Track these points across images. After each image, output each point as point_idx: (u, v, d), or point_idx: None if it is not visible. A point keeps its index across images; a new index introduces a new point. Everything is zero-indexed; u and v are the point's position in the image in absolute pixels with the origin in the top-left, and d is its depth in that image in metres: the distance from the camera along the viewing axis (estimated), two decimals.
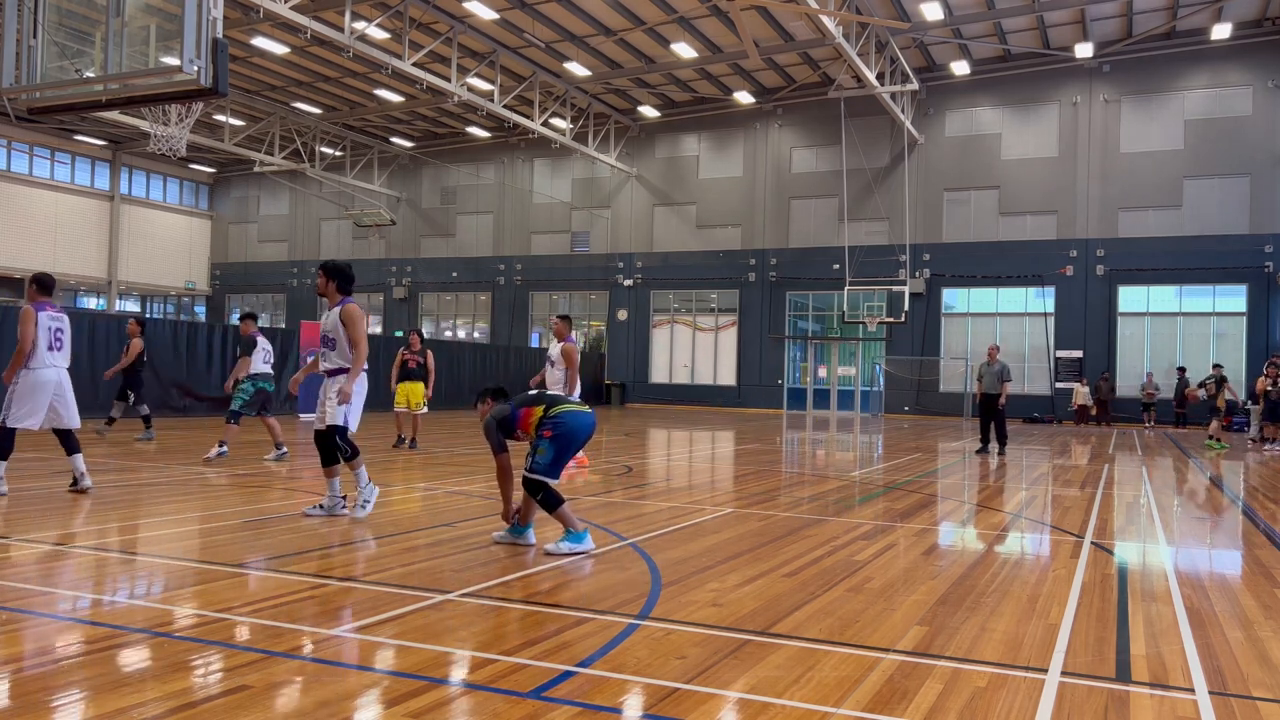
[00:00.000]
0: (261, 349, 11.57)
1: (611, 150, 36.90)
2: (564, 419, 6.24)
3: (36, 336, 7.92)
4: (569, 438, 6.22)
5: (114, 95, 8.84)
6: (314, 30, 23.09)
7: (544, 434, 6.19)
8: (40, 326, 7.98)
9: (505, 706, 3.31)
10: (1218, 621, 4.80)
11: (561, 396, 6.49)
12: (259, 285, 46.34)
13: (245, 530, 6.82)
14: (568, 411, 6.29)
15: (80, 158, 42.42)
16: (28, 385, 7.97)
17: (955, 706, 3.43)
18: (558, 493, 6.23)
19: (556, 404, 6.34)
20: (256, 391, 11.53)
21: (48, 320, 8.07)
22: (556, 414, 6.25)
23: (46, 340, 8.03)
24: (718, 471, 12.48)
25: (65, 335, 8.26)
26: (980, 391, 16.60)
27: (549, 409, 6.28)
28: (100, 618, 4.37)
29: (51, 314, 8.15)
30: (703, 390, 36.26)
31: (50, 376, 8.06)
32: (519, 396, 6.52)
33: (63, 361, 8.22)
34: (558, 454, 6.18)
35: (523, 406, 6.33)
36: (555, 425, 6.20)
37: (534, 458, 6.16)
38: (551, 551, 6.05)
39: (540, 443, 6.17)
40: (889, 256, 32.74)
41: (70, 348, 8.38)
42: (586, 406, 6.51)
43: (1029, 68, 31.07)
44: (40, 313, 8.02)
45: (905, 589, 5.35)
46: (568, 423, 6.23)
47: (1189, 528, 8.54)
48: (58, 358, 8.15)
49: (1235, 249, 28.74)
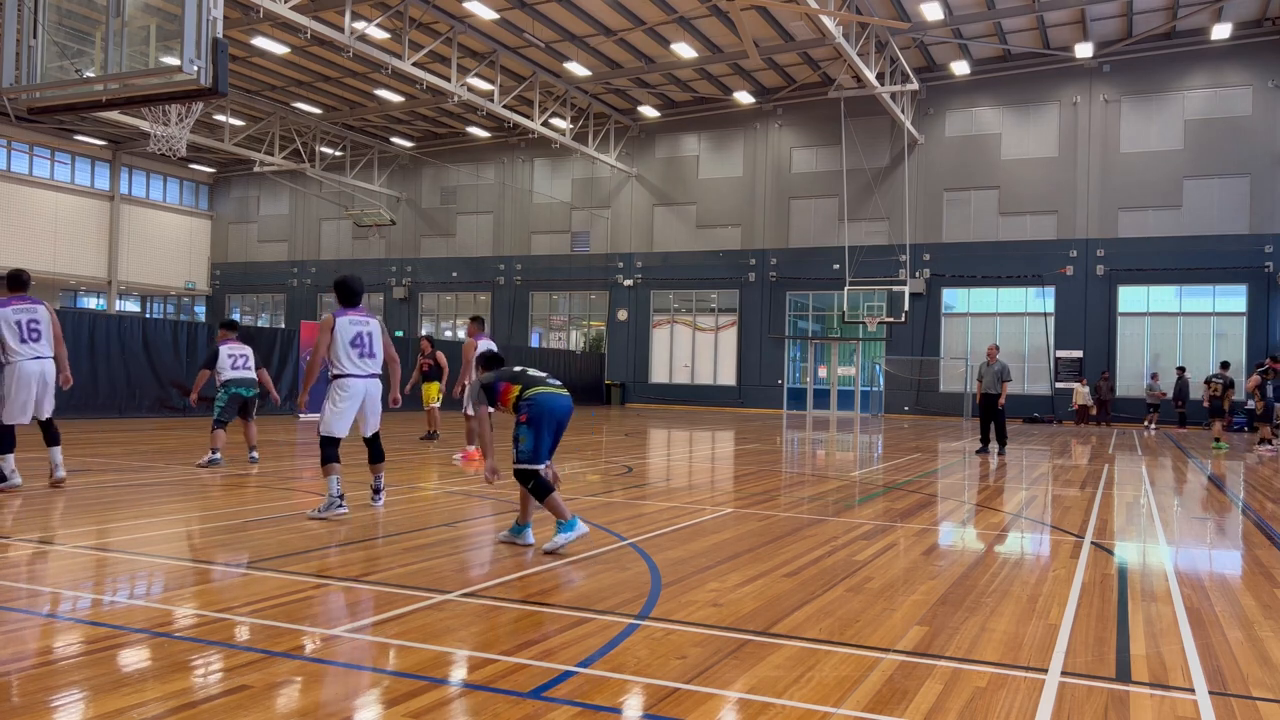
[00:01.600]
0: (227, 357, 11.61)
1: (611, 150, 36.90)
2: (536, 400, 6.30)
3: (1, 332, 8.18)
4: (542, 419, 6.27)
5: (114, 95, 8.83)
6: (314, 30, 23.09)
7: (520, 419, 6.28)
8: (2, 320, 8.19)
9: (505, 706, 3.31)
10: (1218, 621, 4.80)
11: (540, 377, 6.47)
12: (259, 285, 46.35)
13: (246, 530, 6.82)
14: (541, 393, 6.34)
15: (80, 158, 42.43)
16: (11, 379, 8.18)
17: (955, 706, 3.43)
18: (548, 481, 6.25)
19: (532, 385, 6.38)
20: (230, 397, 11.60)
21: (12, 314, 8.25)
22: (530, 396, 6.31)
23: (16, 334, 8.22)
24: (718, 471, 12.48)
25: (42, 325, 8.40)
26: (980, 391, 16.62)
27: (525, 389, 6.35)
28: (100, 618, 4.37)
29: (17, 307, 8.30)
30: (703, 390, 36.26)
31: (32, 368, 8.28)
32: (504, 370, 6.60)
33: (46, 350, 8.42)
34: (536, 438, 6.23)
35: (504, 381, 6.45)
36: (529, 408, 6.28)
37: (517, 448, 6.24)
38: (550, 550, 6.06)
39: (519, 430, 6.26)
40: (889, 256, 32.74)
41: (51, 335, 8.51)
42: (564, 389, 6.52)
43: (1029, 68, 31.07)
44: (3, 308, 8.24)
45: (905, 589, 5.35)
46: (539, 404, 6.29)
47: (1189, 528, 8.54)
48: (37, 348, 8.35)
49: (1235, 249, 28.74)
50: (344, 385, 7.48)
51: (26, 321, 8.30)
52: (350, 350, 7.49)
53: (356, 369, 7.50)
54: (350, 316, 7.57)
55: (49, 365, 8.43)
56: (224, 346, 11.66)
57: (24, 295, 8.49)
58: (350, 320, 7.55)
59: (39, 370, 8.32)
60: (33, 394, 8.26)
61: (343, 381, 7.48)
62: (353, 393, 7.48)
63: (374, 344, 7.64)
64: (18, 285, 8.48)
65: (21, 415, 8.22)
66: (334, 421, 7.45)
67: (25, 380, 8.20)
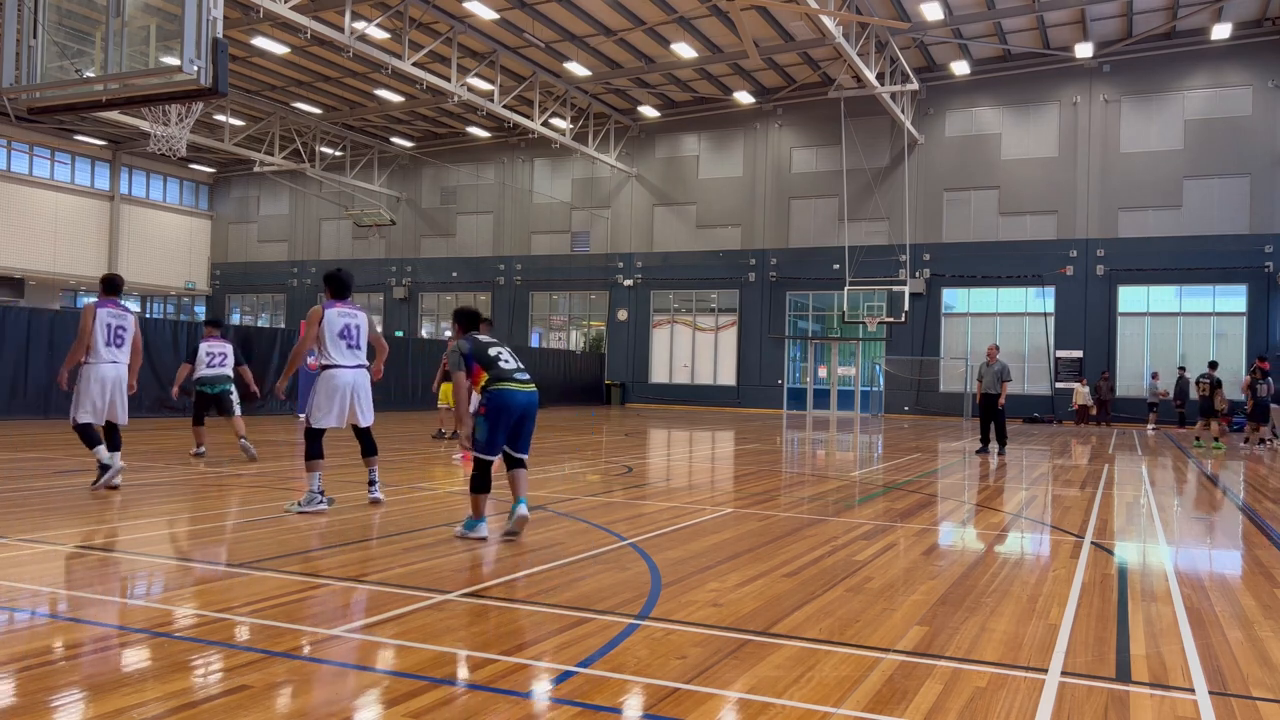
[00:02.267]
0: (205, 354, 11.78)
1: (611, 150, 36.89)
2: (494, 395, 6.40)
3: (94, 331, 8.37)
4: (500, 415, 6.39)
5: (114, 95, 8.83)
6: (314, 30, 23.09)
7: (479, 410, 6.48)
8: (99, 322, 8.41)
9: (505, 706, 3.31)
10: (1218, 621, 4.80)
11: (508, 371, 6.49)
12: (259, 285, 46.34)
13: (246, 530, 6.82)
14: (504, 390, 6.41)
15: (80, 158, 42.43)
16: (87, 380, 8.34)
17: (955, 706, 3.43)
18: (488, 480, 6.47)
19: (498, 380, 6.43)
20: (197, 395, 11.77)
21: (106, 316, 8.47)
22: (493, 389, 6.41)
23: (104, 337, 8.43)
24: (718, 471, 12.48)
25: (127, 333, 8.63)
26: (980, 391, 16.64)
27: (492, 381, 6.43)
28: (100, 617, 4.37)
29: (112, 310, 8.53)
30: (702, 390, 36.25)
31: (108, 372, 8.46)
32: (481, 345, 6.55)
33: (124, 358, 8.63)
34: (491, 431, 6.40)
35: (477, 361, 6.49)
36: (489, 401, 6.40)
37: (474, 435, 6.45)
38: (459, 535, 6.51)
39: (477, 419, 6.47)
40: (889, 256, 32.74)
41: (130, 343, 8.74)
42: (529, 385, 6.54)
43: (1029, 68, 31.07)
44: (100, 309, 8.44)
45: (905, 589, 5.35)
46: (496, 400, 6.39)
47: (1189, 528, 8.54)
48: (118, 354, 8.57)
49: (1235, 249, 28.74)
50: (332, 376, 7.56)
51: (116, 326, 8.57)
52: (339, 341, 7.57)
53: (344, 360, 7.57)
54: (339, 308, 7.64)
55: (124, 371, 8.62)
56: (204, 343, 11.90)
57: (117, 300, 8.72)
58: (339, 312, 7.62)
59: (115, 375, 8.51)
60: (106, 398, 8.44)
61: (331, 373, 7.57)
62: (340, 383, 7.54)
63: (361, 336, 7.73)
64: (113, 289, 8.71)
65: (94, 416, 8.38)
66: (321, 414, 7.52)
67: (100, 382, 8.38)
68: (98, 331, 8.39)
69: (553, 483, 10.19)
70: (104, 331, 8.43)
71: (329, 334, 7.53)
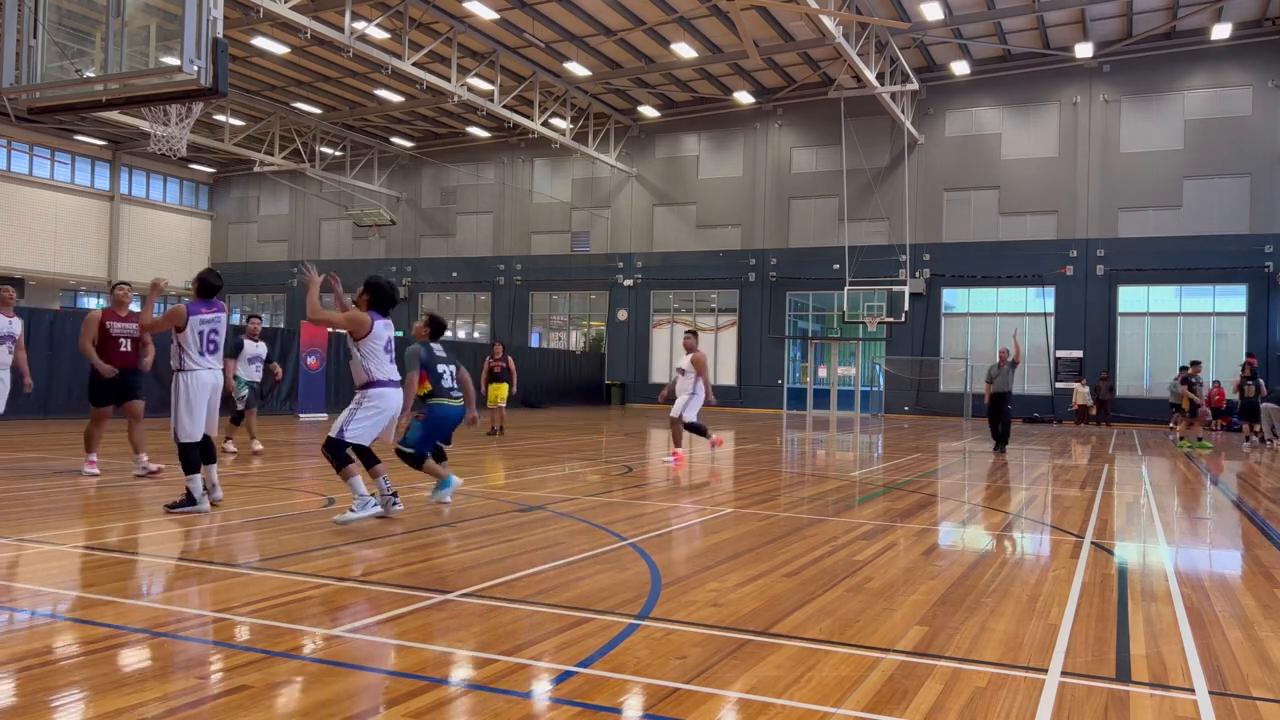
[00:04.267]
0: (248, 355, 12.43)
1: (611, 150, 36.89)
2: (433, 409, 7.74)
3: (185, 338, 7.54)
4: (437, 425, 7.80)
5: (114, 95, 8.84)
6: (314, 30, 23.10)
7: (417, 415, 7.64)
8: (190, 328, 7.54)
9: (505, 706, 3.31)
10: (1218, 621, 4.80)
11: (446, 389, 7.72)
12: (259, 285, 46.32)
13: (246, 530, 6.82)
14: (439, 405, 7.73)
15: (80, 158, 42.44)
16: (184, 391, 7.51)
17: (955, 706, 3.43)
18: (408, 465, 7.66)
19: (438, 395, 7.69)
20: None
21: (199, 323, 7.61)
22: (433, 403, 7.70)
23: (198, 344, 7.60)
24: (718, 471, 12.48)
25: (220, 335, 7.79)
26: (990, 392, 16.77)
27: (432, 395, 7.69)
28: (100, 617, 4.37)
29: (204, 316, 7.67)
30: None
31: (206, 379, 7.63)
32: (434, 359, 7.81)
33: (218, 364, 7.79)
34: (426, 435, 7.68)
35: (426, 370, 7.69)
36: (428, 412, 7.68)
37: (406, 434, 7.56)
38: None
39: (413, 422, 7.67)
40: (889, 256, 32.74)
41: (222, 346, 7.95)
42: (459, 400, 7.81)
43: (1029, 68, 31.07)
44: (193, 315, 7.60)
45: (905, 589, 5.35)
46: (436, 413, 7.76)
47: (1189, 527, 8.54)
48: (213, 360, 7.72)
49: (1235, 249, 28.74)
50: (382, 395, 7.06)
51: (209, 332, 7.67)
52: (384, 356, 7.13)
53: (390, 376, 7.14)
54: (385, 321, 7.25)
55: (220, 378, 7.82)
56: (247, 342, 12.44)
57: (214, 301, 7.83)
58: (385, 325, 7.21)
59: (213, 383, 7.67)
60: (204, 408, 7.59)
61: (381, 391, 7.06)
62: (390, 403, 7.10)
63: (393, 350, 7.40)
64: (209, 290, 7.80)
65: (195, 431, 7.50)
66: (364, 430, 7.00)
67: (200, 392, 7.54)
68: (189, 338, 7.53)
69: (553, 482, 10.19)
70: (196, 339, 7.57)
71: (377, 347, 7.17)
